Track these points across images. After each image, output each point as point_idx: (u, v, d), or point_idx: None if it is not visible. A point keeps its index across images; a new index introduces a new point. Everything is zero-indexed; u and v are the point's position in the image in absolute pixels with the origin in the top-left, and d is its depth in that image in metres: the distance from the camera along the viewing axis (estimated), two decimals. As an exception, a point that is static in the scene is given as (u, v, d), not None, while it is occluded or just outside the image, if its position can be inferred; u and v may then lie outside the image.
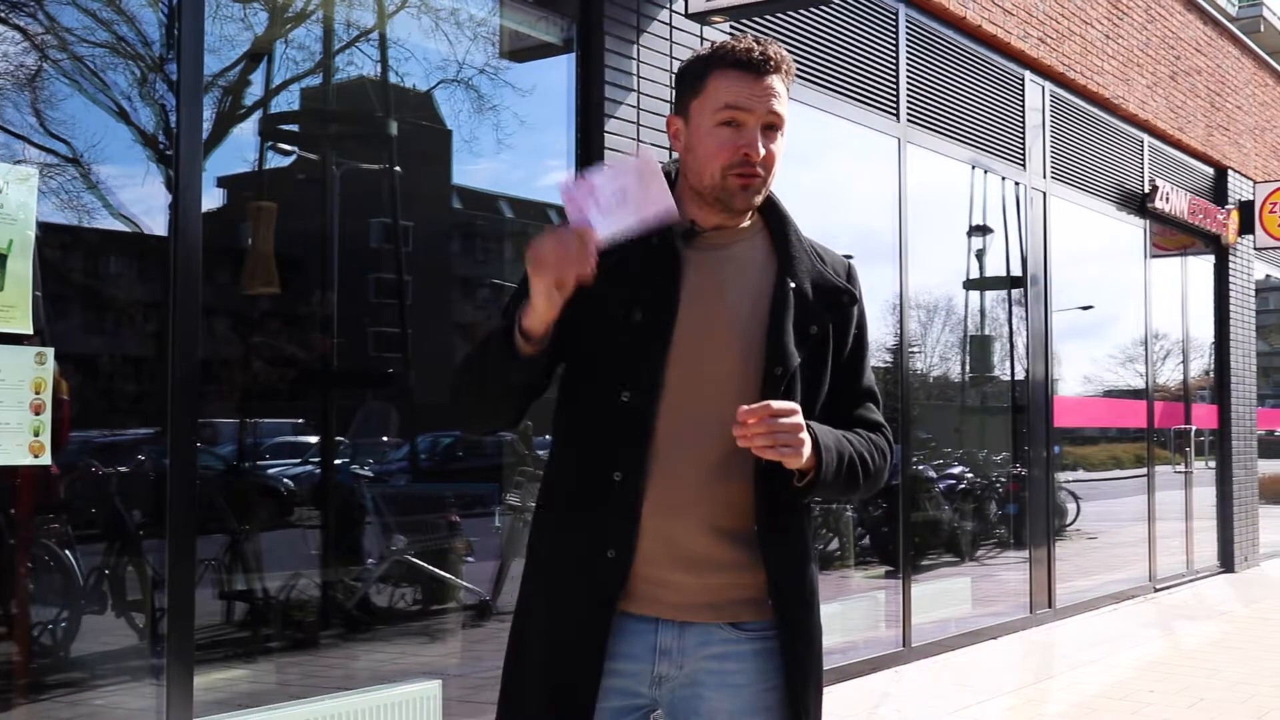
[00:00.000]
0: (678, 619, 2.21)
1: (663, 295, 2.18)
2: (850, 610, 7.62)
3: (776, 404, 2.05)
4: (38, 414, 3.68)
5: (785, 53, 2.28)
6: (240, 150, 7.75)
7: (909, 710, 6.33)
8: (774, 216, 2.34)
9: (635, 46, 5.73)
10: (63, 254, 6.19)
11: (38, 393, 3.69)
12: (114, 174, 5.37)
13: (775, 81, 2.23)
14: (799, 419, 2.07)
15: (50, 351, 3.73)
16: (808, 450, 2.09)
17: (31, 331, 3.67)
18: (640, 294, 2.17)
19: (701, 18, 5.91)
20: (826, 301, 2.26)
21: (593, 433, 2.22)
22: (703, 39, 6.02)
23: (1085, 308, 10.81)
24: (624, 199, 2.03)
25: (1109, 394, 11.35)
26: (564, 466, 2.28)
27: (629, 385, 2.17)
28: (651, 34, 5.79)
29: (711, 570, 2.20)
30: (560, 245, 2.01)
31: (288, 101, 7.70)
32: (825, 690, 2.36)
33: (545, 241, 2.03)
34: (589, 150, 5.64)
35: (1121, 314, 11.30)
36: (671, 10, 5.87)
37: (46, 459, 3.72)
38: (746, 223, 2.32)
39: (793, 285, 2.25)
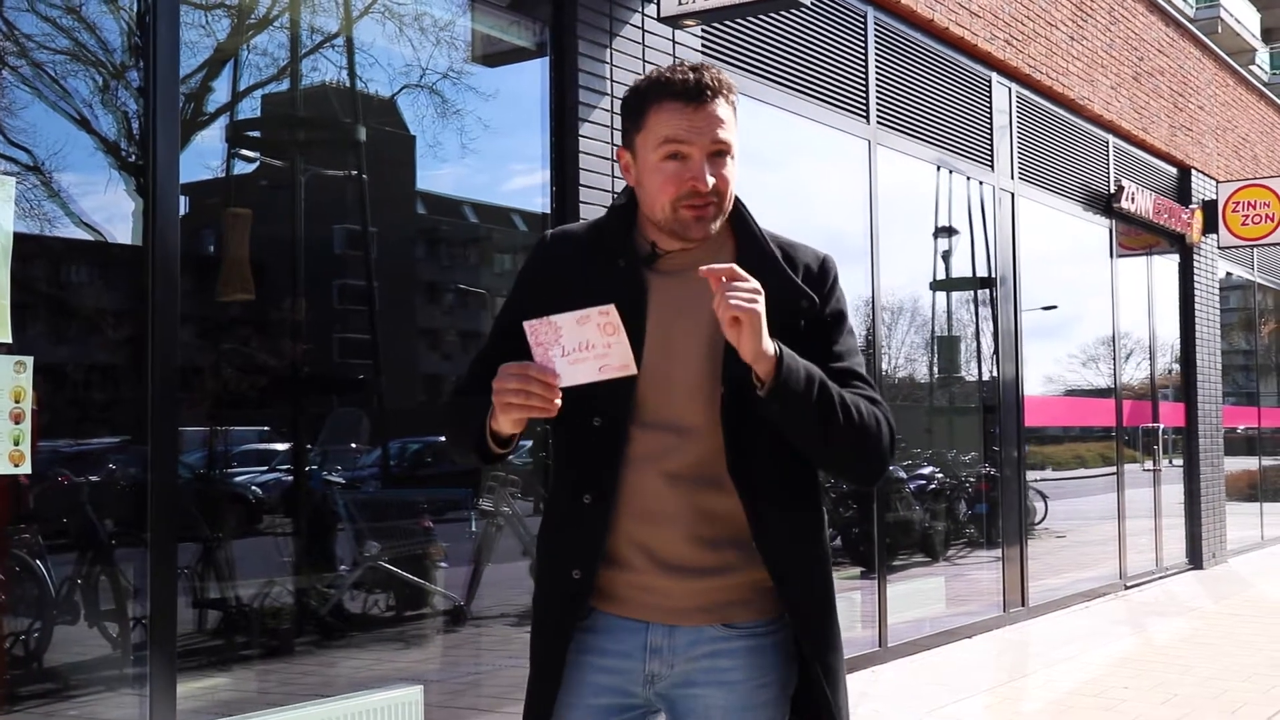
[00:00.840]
0: (667, 622, 2.24)
1: (629, 321, 2.15)
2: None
3: (737, 268, 2.06)
4: (17, 423, 3.66)
5: (724, 76, 2.26)
6: (205, 157, 7.71)
7: (886, 710, 6.36)
8: (739, 225, 2.33)
9: (608, 50, 5.74)
10: (30, 263, 6.14)
11: (17, 401, 3.67)
12: (79, 182, 5.34)
13: (717, 107, 2.21)
14: (756, 285, 2.06)
15: (30, 360, 3.71)
16: (764, 326, 2.06)
17: (10, 340, 3.64)
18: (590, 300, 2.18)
19: (674, 21, 5.93)
20: (786, 308, 2.22)
21: (570, 457, 2.29)
22: (675, 42, 6.04)
23: (1048, 308, 10.89)
24: (586, 350, 2.07)
25: (1071, 393, 11.42)
26: (552, 490, 2.36)
27: (599, 410, 2.21)
28: (624, 38, 5.80)
29: (698, 576, 2.22)
30: (524, 391, 2.06)
31: (252, 108, 7.66)
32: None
33: (510, 383, 2.07)
34: (563, 155, 5.65)
35: (1085, 314, 11.39)
36: (644, 15, 5.88)
37: (27, 468, 3.70)
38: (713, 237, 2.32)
39: None
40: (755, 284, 2.06)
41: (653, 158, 2.23)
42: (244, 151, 7.89)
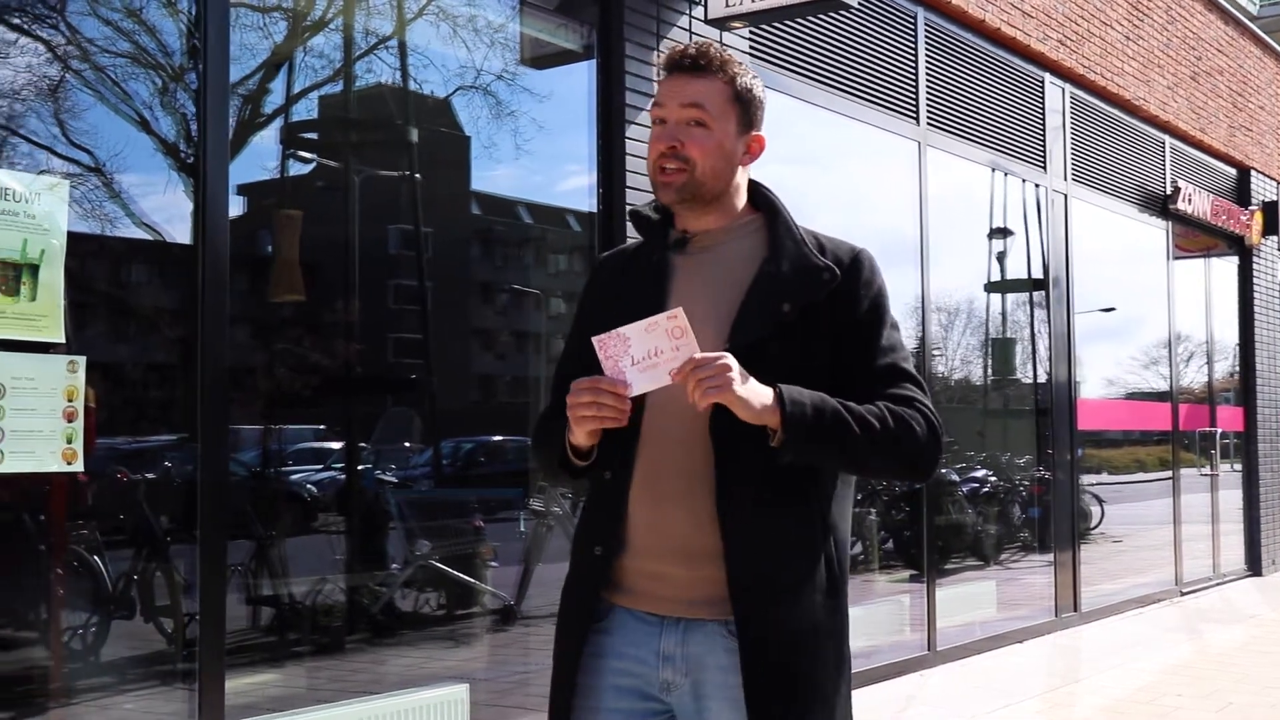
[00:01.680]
0: (677, 615, 2.23)
1: (651, 304, 2.23)
2: (875, 614, 7.62)
3: (699, 355, 2.07)
4: (70, 421, 3.72)
5: (724, 55, 2.31)
6: (261, 158, 7.80)
7: (934, 714, 6.33)
8: (770, 212, 2.37)
9: (655, 53, 5.76)
10: (89, 263, 6.25)
11: (70, 400, 3.73)
12: (137, 183, 5.42)
13: (701, 79, 2.28)
14: (726, 361, 2.07)
15: (82, 360, 3.77)
16: (744, 392, 2.07)
17: (64, 340, 3.71)
18: (633, 306, 2.22)
19: (721, 23, 5.94)
20: (804, 280, 2.24)
21: (599, 443, 2.31)
22: (722, 44, 6.03)
23: (1107, 310, 10.78)
24: (656, 356, 2.10)
25: (1132, 396, 11.31)
26: (590, 475, 2.37)
27: None
28: (671, 40, 5.81)
29: (703, 562, 2.20)
30: (596, 403, 2.12)
31: (309, 109, 7.75)
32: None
33: (582, 397, 2.13)
34: (610, 156, 5.68)
35: (1145, 316, 11.26)
36: (691, 17, 5.89)
37: (79, 465, 3.76)
38: (742, 222, 2.36)
39: (769, 269, 2.26)
40: (722, 359, 2.08)
41: (651, 124, 2.34)
42: (300, 153, 7.99)
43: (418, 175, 7.47)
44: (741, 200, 2.36)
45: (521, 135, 6.54)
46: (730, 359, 2.07)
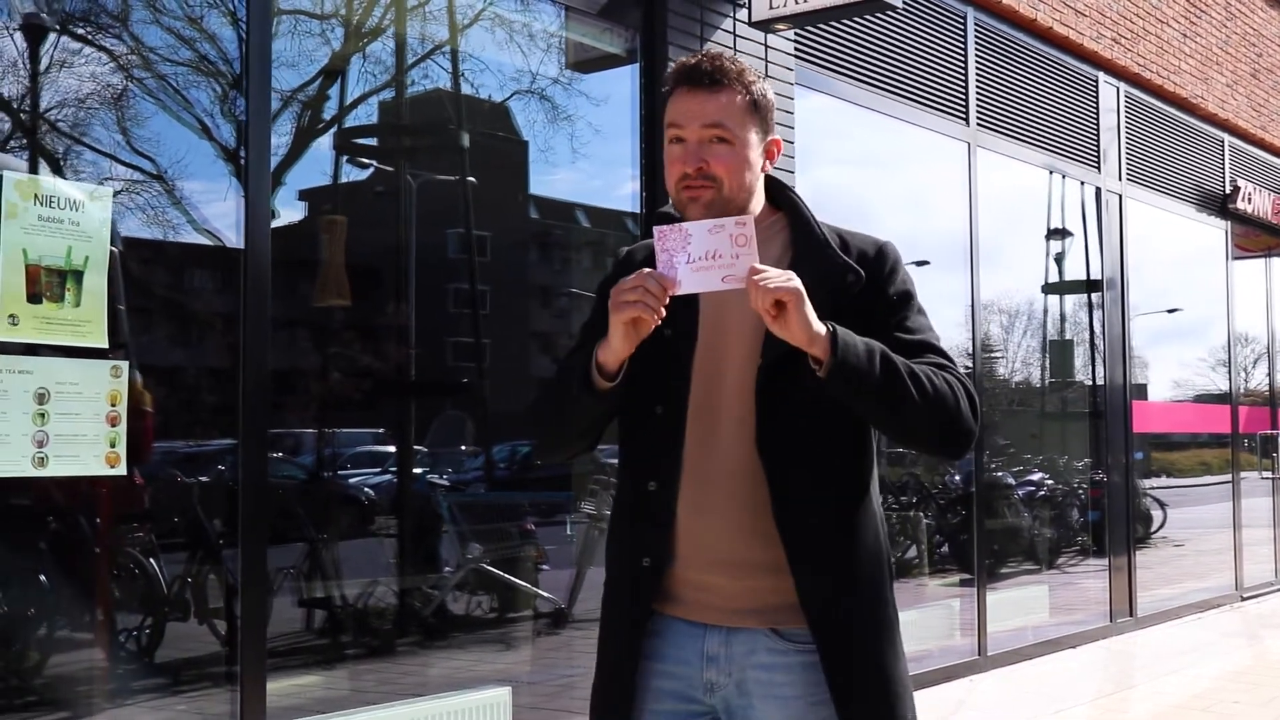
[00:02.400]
0: (723, 624, 2.23)
1: (685, 310, 2.24)
2: (925, 618, 7.56)
3: (753, 267, 2.06)
4: (114, 425, 3.77)
5: (738, 65, 2.27)
6: (320, 164, 7.90)
7: (983, 719, 6.27)
8: (792, 212, 2.36)
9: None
10: (146, 269, 6.35)
11: (114, 405, 3.79)
12: (196, 189, 5.50)
13: (719, 94, 2.23)
14: (795, 280, 2.06)
15: (125, 365, 3.82)
16: (810, 312, 2.05)
17: (108, 346, 3.76)
18: (667, 313, 2.21)
19: (765, 26, 5.92)
20: (830, 285, 2.22)
21: (634, 447, 2.32)
22: (767, 46, 6.03)
23: (1172, 310, 10.64)
24: (714, 259, 2.07)
25: (1200, 399, 11.15)
26: (619, 482, 2.38)
27: (661, 399, 2.25)
28: (715, 43, 5.80)
29: (750, 573, 2.21)
30: (642, 290, 2.08)
31: (366, 115, 7.83)
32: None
33: (629, 283, 2.09)
34: (654, 161, 5.67)
35: (1213, 317, 11.10)
36: (735, 19, 5.88)
37: (122, 469, 3.81)
38: (764, 225, 2.33)
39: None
40: (786, 272, 2.07)
41: (666, 142, 2.29)
42: (357, 158, 8.07)
43: (472, 179, 7.52)
44: (761, 202, 2.35)
45: (578, 139, 6.59)
46: (797, 279, 2.06)
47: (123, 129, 5.82)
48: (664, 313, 2.09)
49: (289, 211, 7.51)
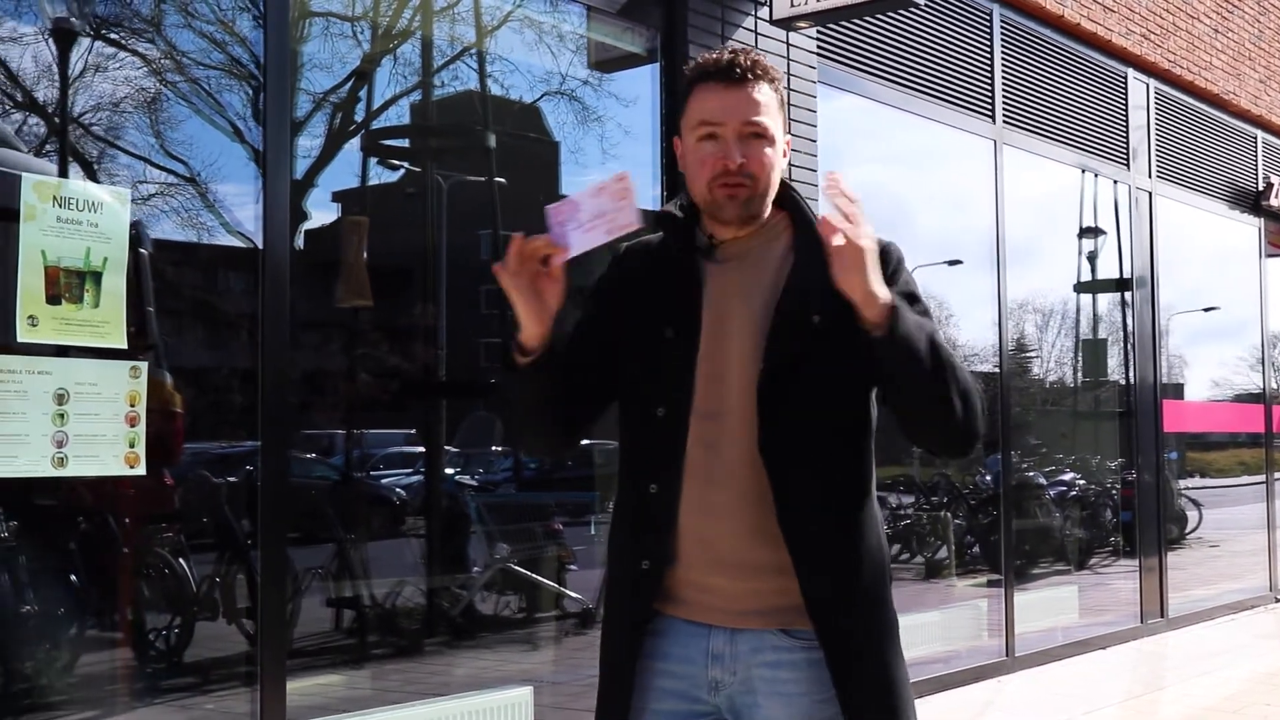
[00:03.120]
0: (727, 625, 2.23)
1: (687, 312, 2.23)
2: (953, 619, 7.52)
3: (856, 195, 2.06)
4: (133, 425, 3.80)
5: (765, 62, 2.26)
6: (352, 166, 7.95)
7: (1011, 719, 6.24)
8: (795, 212, 2.34)
9: (718, 55, 5.74)
10: (177, 271, 6.40)
11: (133, 405, 3.81)
12: (227, 192, 5.54)
13: (753, 90, 2.22)
14: (869, 230, 2.07)
15: (144, 365, 3.85)
16: (873, 259, 2.06)
17: (127, 346, 3.78)
18: (668, 313, 2.22)
19: (787, 24, 5.90)
20: (832, 288, 2.16)
21: (635, 449, 2.31)
22: (789, 45, 6.01)
23: (1209, 309, 10.55)
24: (600, 218, 2.11)
25: (1239, 398, 11.04)
26: (620, 484, 2.36)
27: (662, 401, 2.24)
28: (736, 42, 5.79)
29: (755, 575, 2.20)
30: (519, 254, 2.11)
31: (395, 116, 7.88)
32: (925, 700, 2.31)
33: (511, 250, 2.12)
34: (674, 160, 5.66)
35: (1251, 316, 10.99)
36: (756, 17, 5.87)
37: (141, 470, 3.83)
38: (768, 225, 2.32)
39: (797, 279, 2.24)
40: (869, 228, 2.07)
41: (691, 140, 2.25)
42: (390, 160, 8.11)
43: (501, 180, 7.54)
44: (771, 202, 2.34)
45: (608, 140, 6.60)
46: (871, 230, 2.08)
47: (156, 132, 5.88)
48: (559, 275, 2.12)
49: (322, 213, 7.58)
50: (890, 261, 2.27)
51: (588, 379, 2.30)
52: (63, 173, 4.83)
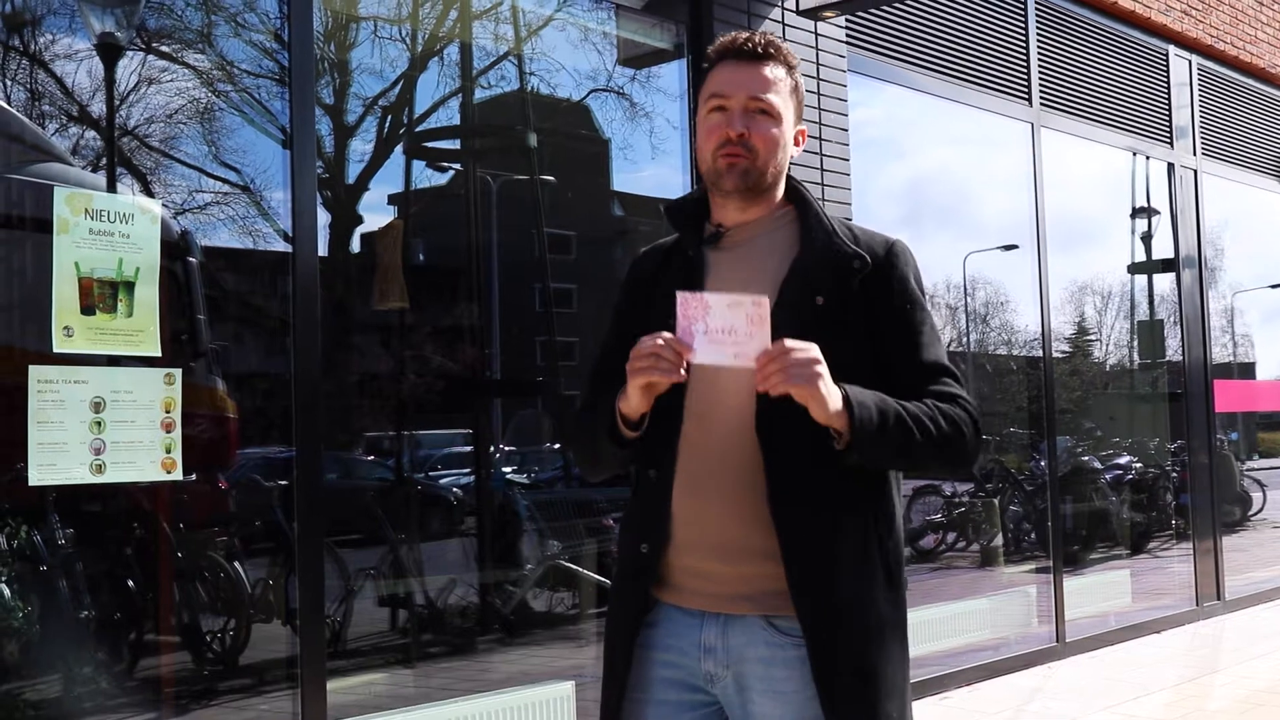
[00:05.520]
0: (718, 610, 2.25)
1: None
2: (1003, 606, 7.48)
3: (791, 342, 2.06)
4: (168, 432, 3.87)
5: (782, 45, 2.32)
6: (401, 169, 8.05)
7: (1059, 706, 6.19)
8: (800, 204, 2.37)
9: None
10: (228, 278, 6.51)
11: (168, 411, 3.89)
12: (278, 199, 5.61)
13: (765, 68, 2.28)
14: (815, 353, 2.06)
15: (179, 373, 3.92)
16: (827, 389, 2.06)
17: (160, 354, 3.85)
18: (670, 302, 2.23)
19: (813, 13, 5.90)
20: (835, 271, 2.24)
21: (642, 439, 2.32)
22: (817, 34, 6.00)
23: (1275, 286, 10.41)
24: (728, 334, 2.10)
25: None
26: (633, 471, 2.38)
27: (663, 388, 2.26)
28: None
29: (746, 559, 2.22)
30: (659, 358, 2.12)
31: (444, 118, 7.97)
32: (972, 688, 2.32)
33: (646, 348, 2.13)
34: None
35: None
36: (783, 8, 5.86)
37: (178, 475, 3.90)
38: (775, 215, 2.36)
39: (801, 262, 2.27)
40: (812, 350, 2.07)
41: (703, 112, 2.32)
42: (438, 163, 8.21)
43: (550, 178, 7.60)
44: (780, 193, 2.37)
45: (657, 135, 6.66)
46: (817, 351, 2.07)
47: (208, 142, 5.99)
48: (683, 375, 2.13)
49: (376, 216, 7.69)
50: (897, 261, 2.31)
51: None
52: (110, 186, 4.93)
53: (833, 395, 2.08)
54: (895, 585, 2.26)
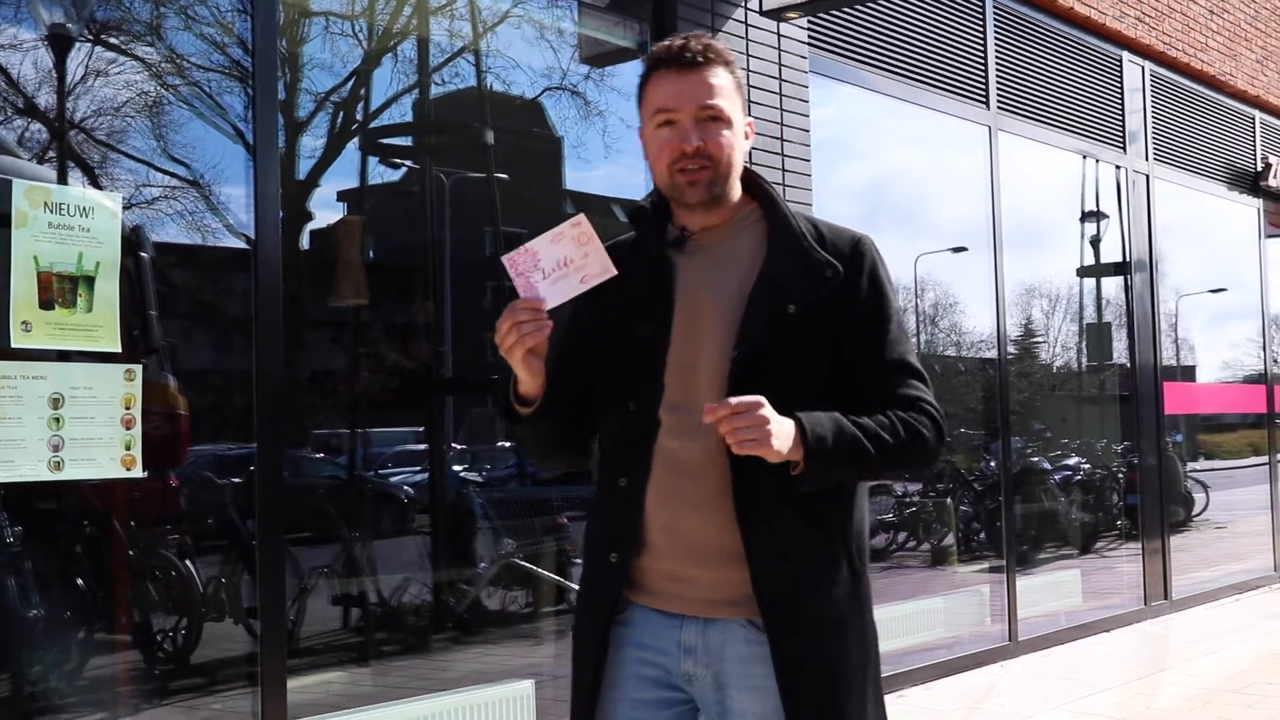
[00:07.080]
0: (698, 614, 2.25)
1: (659, 304, 2.26)
2: (956, 605, 7.54)
3: (735, 400, 2.04)
4: (128, 428, 3.82)
5: (719, 46, 2.28)
6: (354, 165, 7.98)
7: (1013, 704, 6.25)
8: (767, 204, 2.35)
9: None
10: (178, 274, 6.43)
11: (128, 408, 3.83)
12: (230, 194, 5.56)
13: (709, 74, 2.24)
14: (764, 411, 2.04)
15: (139, 369, 3.87)
16: (779, 442, 2.06)
17: (120, 349, 3.80)
18: (639, 307, 2.24)
19: (776, 14, 5.91)
20: (807, 280, 2.22)
21: (610, 444, 2.34)
22: (780, 35, 6.02)
23: (1216, 291, 10.54)
24: (566, 266, 2.13)
25: (1249, 379, 11.03)
26: (598, 478, 2.37)
27: (633, 395, 2.27)
28: (727, 33, 5.80)
29: (725, 563, 2.21)
30: (515, 325, 2.14)
31: (397, 114, 7.91)
32: (926, 686, 2.33)
33: (503, 324, 2.15)
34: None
35: (1245, 297, 10.99)
36: (746, 9, 5.87)
37: (138, 472, 3.85)
38: (739, 215, 2.33)
39: (770, 269, 2.25)
40: (759, 408, 2.05)
41: (649, 127, 2.28)
42: (391, 159, 8.15)
43: (503, 176, 7.57)
44: (739, 190, 2.34)
45: (610, 134, 6.64)
46: (766, 407, 2.04)
47: (155, 136, 5.90)
48: (549, 323, 2.14)
49: (327, 212, 7.61)
50: (864, 258, 2.29)
51: (583, 395, 2.33)
52: (61, 178, 4.86)
53: (783, 439, 2.07)
54: (858, 582, 2.26)
